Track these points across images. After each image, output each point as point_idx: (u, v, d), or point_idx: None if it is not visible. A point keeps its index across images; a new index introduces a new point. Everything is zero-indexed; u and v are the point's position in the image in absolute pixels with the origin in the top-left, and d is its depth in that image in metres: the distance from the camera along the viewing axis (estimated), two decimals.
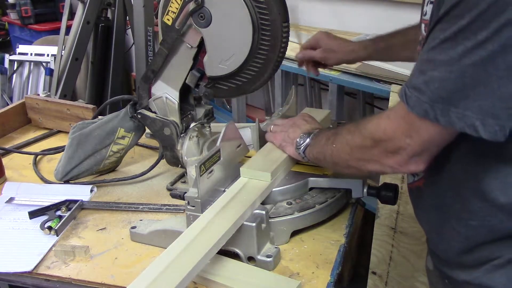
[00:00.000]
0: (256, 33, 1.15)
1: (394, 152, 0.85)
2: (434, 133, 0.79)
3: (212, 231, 0.97)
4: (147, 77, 1.30)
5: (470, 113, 0.72)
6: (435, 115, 0.75)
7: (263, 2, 1.12)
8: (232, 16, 1.14)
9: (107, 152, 1.38)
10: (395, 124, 0.84)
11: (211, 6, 1.15)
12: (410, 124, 0.80)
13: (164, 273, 0.85)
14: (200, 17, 1.17)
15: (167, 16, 1.21)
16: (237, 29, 1.15)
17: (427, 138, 0.80)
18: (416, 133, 0.80)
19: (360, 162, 0.95)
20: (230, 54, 1.18)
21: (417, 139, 0.81)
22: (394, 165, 0.87)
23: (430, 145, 0.82)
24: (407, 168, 0.86)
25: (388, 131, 0.85)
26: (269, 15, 1.13)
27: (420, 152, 0.83)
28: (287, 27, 1.16)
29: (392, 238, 1.81)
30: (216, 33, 1.17)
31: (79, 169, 1.39)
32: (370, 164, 0.92)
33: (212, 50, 1.20)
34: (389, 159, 0.87)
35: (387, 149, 0.86)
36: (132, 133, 1.38)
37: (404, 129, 0.82)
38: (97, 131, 1.38)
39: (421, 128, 0.79)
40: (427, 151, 0.83)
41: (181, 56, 1.25)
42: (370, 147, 0.90)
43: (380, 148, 0.88)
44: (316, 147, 1.10)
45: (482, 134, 0.72)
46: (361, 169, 0.96)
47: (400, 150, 0.84)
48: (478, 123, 0.72)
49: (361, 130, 0.93)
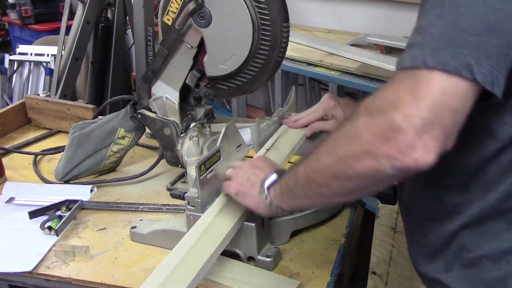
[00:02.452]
0: (256, 33, 1.15)
1: (396, 129, 0.64)
2: (441, 84, 0.63)
3: (216, 230, 0.97)
4: (147, 77, 1.30)
5: (465, 51, 0.64)
6: (423, 57, 0.64)
7: (263, 2, 1.12)
8: (232, 16, 1.14)
9: (107, 152, 1.38)
10: (396, 85, 0.67)
11: (211, 6, 1.15)
12: (415, 79, 0.65)
13: (171, 276, 0.84)
14: (200, 17, 1.17)
15: (167, 16, 1.20)
16: (237, 29, 1.15)
17: (437, 94, 0.63)
18: (424, 88, 0.63)
19: (346, 161, 0.71)
20: (230, 54, 1.18)
21: (426, 97, 0.63)
22: (394, 152, 0.64)
23: (443, 108, 0.63)
24: (413, 154, 0.64)
25: (388, 95, 0.67)
26: (269, 15, 1.13)
27: (431, 121, 0.63)
28: (287, 27, 1.16)
29: (392, 238, 1.81)
30: (216, 33, 1.17)
31: (79, 169, 1.39)
32: (360, 161, 0.68)
33: (212, 50, 1.20)
34: (388, 143, 0.65)
35: (386, 124, 0.65)
36: (132, 133, 1.38)
37: (408, 86, 0.65)
38: (97, 131, 1.38)
39: (427, 81, 0.64)
40: (440, 119, 0.63)
41: (181, 56, 1.25)
42: (362, 128, 0.68)
43: (375, 126, 0.66)
44: (286, 175, 0.89)
45: (476, 75, 0.63)
46: (347, 174, 0.71)
47: (405, 121, 0.63)
48: (473, 62, 0.64)
49: (352, 114, 0.72)
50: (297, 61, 2.44)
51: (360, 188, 0.74)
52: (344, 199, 0.89)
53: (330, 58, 2.40)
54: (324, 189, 0.77)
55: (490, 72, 0.64)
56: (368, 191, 0.75)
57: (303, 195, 0.83)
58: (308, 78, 2.95)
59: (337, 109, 1.25)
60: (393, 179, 0.70)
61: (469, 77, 0.63)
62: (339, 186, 0.75)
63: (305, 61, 2.42)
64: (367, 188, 0.74)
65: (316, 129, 1.28)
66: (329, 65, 2.32)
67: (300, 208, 1.10)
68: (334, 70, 2.28)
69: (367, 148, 0.67)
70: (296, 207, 0.97)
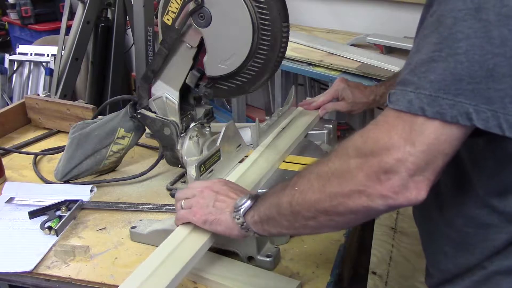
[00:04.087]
0: (256, 33, 1.15)
1: (389, 171, 0.67)
2: (437, 132, 0.65)
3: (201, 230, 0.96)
4: (147, 77, 1.30)
5: (462, 99, 0.64)
6: (421, 105, 0.65)
7: (263, 2, 1.12)
8: (232, 16, 1.14)
9: (107, 152, 1.38)
10: (389, 128, 0.68)
11: (211, 6, 1.15)
12: (409, 124, 0.66)
13: (155, 272, 0.85)
14: (200, 17, 1.17)
15: (167, 16, 1.20)
16: (237, 29, 1.15)
17: (431, 141, 0.65)
18: (418, 135, 0.65)
19: (338, 199, 0.72)
20: (230, 54, 1.18)
21: (419, 144, 0.65)
22: (388, 193, 0.67)
23: (435, 153, 0.66)
24: (406, 194, 0.67)
25: (381, 138, 0.68)
26: (269, 15, 1.13)
27: (424, 166, 0.66)
28: (287, 27, 1.16)
29: (392, 238, 1.81)
30: (216, 33, 1.17)
31: (79, 169, 1.39)
32: (352, 199, 0.70)
33: (212, 50, 1.20)
34: (382, 184, 0.67)
35: (379, 166, 0.67)
36: (132, 133, 1.38)
37: (403, 132, 0.66)
38: (97, 131, 1.38)
39: (422, 127, 0.65)
40: (432, 163, 0.66)
41: (181, 56, 1.25)
42: (355, 169, 0.70)
43: (368, 167, 0.68)
44: (265, 203, 0.86)
45: (476, 122, 0.64)
46: (338, 210, 0.73)
47: (398, 165, 0.66)
48: (472, 110, 0.64)
49: (339, 151, 0.74)
50: (297, 61, 2.44)
51: (349, 221, 0.77)
52: (330, 230, 0.90)
53: (330, 58, 2.40)
54: (311, 222, 0.79)
55: (493, 116, 0.64)
56: (355, 224, 0.78)
57: (288, 226, 0.83)
58: (308, 78, 2.95)
59: (347, 91, 1.36)
60: (383, 213, 0.73)
61: (468, 125, 0.64)
62: (327, 220, 0.76)
63: (305, 61, 2.42)
64: (356, 222, 0.77)
65: (329, 109, 1.39)
66: (329, 65, 2.33)
67: (281, 235, 1.10)
68: (334, 70, 2.28)
69: (361, 188, 0.70)
70: (277, 234, 0.96)
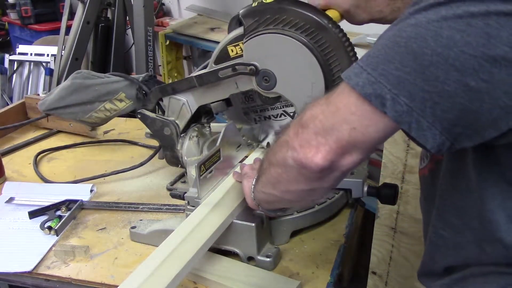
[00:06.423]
0: (317, 54, 1.02)
1: (304, 125, 0.70)
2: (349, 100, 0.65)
3: (203, 228, 0.97)
4: (165, 91, 1.26)
5: (384, 82, 0.61)
6: (350, 74, 0.65)
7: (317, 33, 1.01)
8: (298, 67, 1.04)
9: (99, 106, 1.36)
10: (330, 94, 0.69)
11: (272, 68, 1.06)
12: (338, 89, 0.68)
13: (155, 272, 0.85)
14: (264, 80, 1.08)
15: (232, 46, 1.09)
16: (307, 75, 1.04)
17: (342, 106, 0.66)
18: (335, 97, 0.67)
19: (276, 148, 0.77)
20: (309, 88, 1.05)
21: (332, 105, 0.67)
22: (296, 145, 0.70)
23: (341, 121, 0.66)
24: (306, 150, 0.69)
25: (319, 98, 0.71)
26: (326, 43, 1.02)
27: (329, 128, 0.67)
28: (341, 31, 1.04)
29: (392, 238, 1.81)
30: (286, 87, 1.07)
31: (65, 110, 1.38)
32: (283, 149, 0.74)
33: (294, 99, 1.09)
34: (297, 137, 0.71)
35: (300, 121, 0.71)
36: (131, 101, 1.36)
37: (330, 94, 0.69)
38: (98, 87, 1.35)
39: (341, 92, 0.67)
40: (336, 130, 0.67)
41: (222, 88, 1.16)
42: (292, 125, 0.74)
43: (296, 122, 0.73)
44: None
45: (387, 110, 0.62)
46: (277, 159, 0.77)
47: (311, 119, 0.69)
48: (389, 97, 0.61)
49: None
50: None
51: (288, 178, 0.76)
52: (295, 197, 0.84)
53: None
54: (272, 173, 0.80)
55: (408, 112, 0.61)
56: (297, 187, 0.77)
57: (270, 184, 0.84)
58: None
59: None
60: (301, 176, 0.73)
61: (379, 109, 0.62)
62: (277, 173, 0.78)
63: None
64: (297, 180, 0.75)
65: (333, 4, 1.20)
66: None
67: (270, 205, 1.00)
68: None
69: (287, 138, 0.73)
70: (273, 203, 0.93)
